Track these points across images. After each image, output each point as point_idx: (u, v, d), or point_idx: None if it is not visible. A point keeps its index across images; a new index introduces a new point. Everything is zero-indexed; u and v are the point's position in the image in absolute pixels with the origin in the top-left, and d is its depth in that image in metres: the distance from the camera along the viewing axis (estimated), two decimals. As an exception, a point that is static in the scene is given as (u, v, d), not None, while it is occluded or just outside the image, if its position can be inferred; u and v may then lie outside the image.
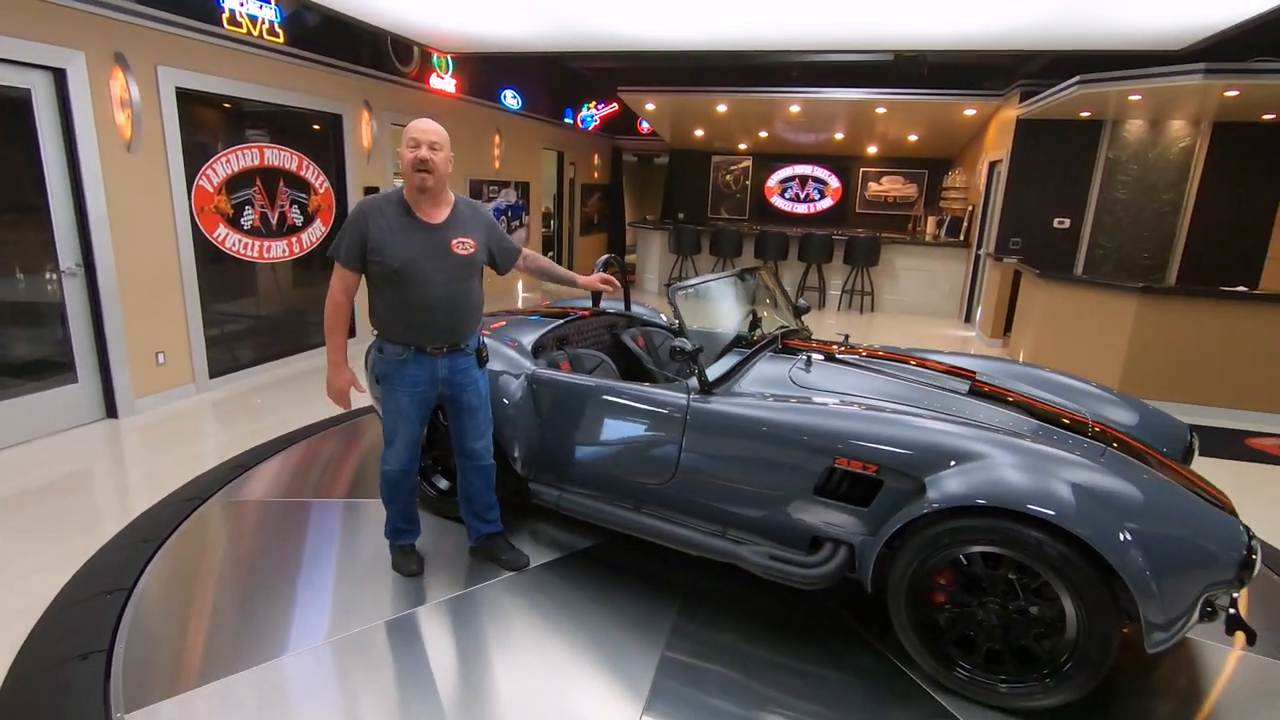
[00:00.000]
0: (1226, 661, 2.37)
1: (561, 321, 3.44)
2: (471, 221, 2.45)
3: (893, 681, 2.18)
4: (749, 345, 2.85)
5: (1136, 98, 6.10)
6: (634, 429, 2.65)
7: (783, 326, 3.17)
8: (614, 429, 2.71)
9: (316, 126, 5.91)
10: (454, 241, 2.37)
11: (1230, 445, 4.65)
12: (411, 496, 2.66)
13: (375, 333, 2.49)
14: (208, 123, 4.93)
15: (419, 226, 2.34)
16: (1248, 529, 1.96)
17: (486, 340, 2.76)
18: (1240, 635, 1.93)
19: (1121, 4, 4.30)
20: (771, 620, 2.48)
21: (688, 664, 2.23)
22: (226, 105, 5.05)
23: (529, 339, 3.13)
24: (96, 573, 2.63)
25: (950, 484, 2.00)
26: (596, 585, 2.67)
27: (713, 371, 2.54)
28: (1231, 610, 1.92)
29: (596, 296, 3.82)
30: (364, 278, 2.43)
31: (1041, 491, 1.91)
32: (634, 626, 2.42)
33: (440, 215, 2.38)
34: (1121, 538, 1.83)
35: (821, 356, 2.84)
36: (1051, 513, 1.85)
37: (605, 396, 2.72)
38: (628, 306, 3.89)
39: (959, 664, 2.09)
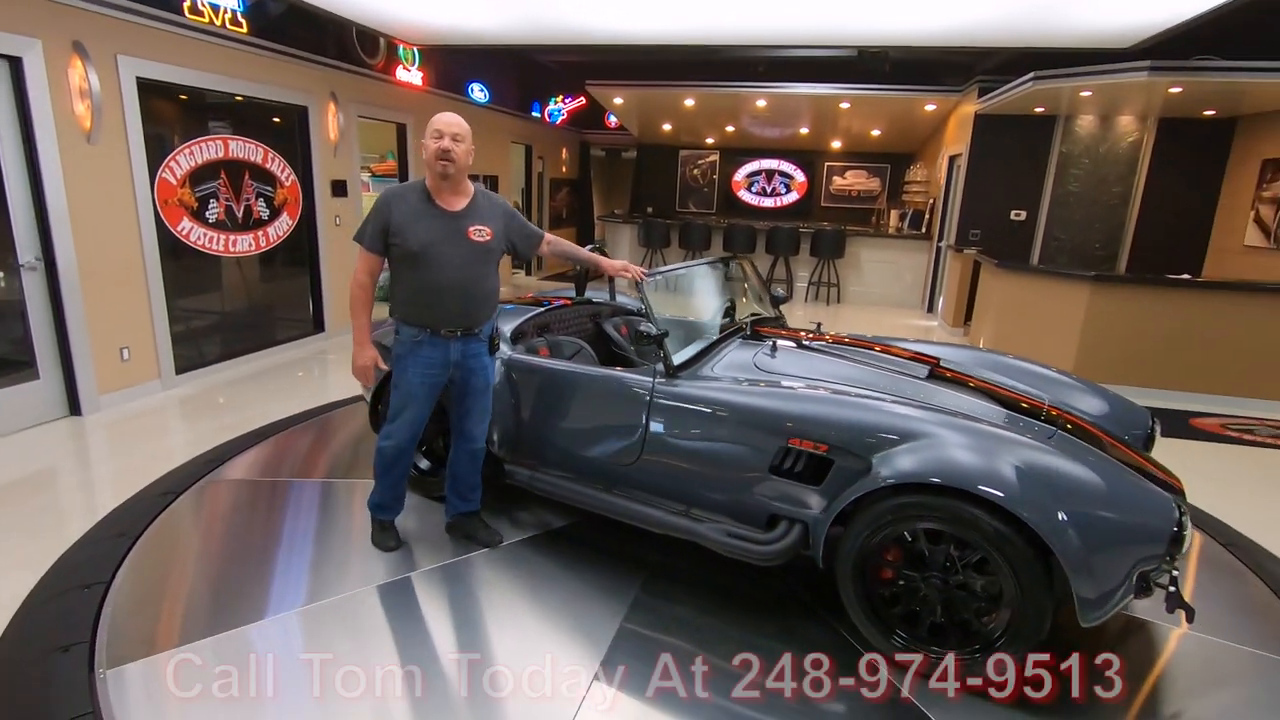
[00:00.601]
0: (1170, 639, 2.43)
1: (541, 309, 3.49)
2: (489, 211, 2.55)
3: (841, 656, 2.23)
4: (722, 332, 2.93)
5: (1087, 94, 6.35)
6: (602, 411, 2.73)
7: (755, 314, 3.26)
8: (584, 411, 2.79)
9: (281, 119, 5.82)
10: (471, 228, 2.47)
11: (1175, 425, 4.89)
12: (403, 475, 2.74)
13: (394, 316, 2.57)
14: (170, 114, 4.82)
15: (439, 213, 2.45)
16: (1179, 505, 2.01)
17: None
18: (1183, 614, 1.97)
19: (1073, 3, 4.48)
20: (729, 596, 2.57)
21: (643, 634, 2.33)
22: (189, 96, 4.95)
23: (509, 326, 3.18)
24: (71, 568, 2.59)
25: (899, 462, 2.07)
26: (566, 561, 2.78)
27: (680, 356, 2.62)
28: (1172, 589, 1.95)
29: (581, 286, 3.92)
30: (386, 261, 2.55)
31: (988, 471, 1.97)
32: (597, 600, 2.52)
33: (459, 203, 2.49)
34: (1060, 517, 1.88)
35: (790, 343, 2.92)
36: (1000, 494, 1.91)
37: (576, 380, 2.81)
38: (612, 296, 3.97)
39: (897, 633, 2.16)
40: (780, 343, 2.88)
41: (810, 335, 3.14)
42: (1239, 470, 4.16)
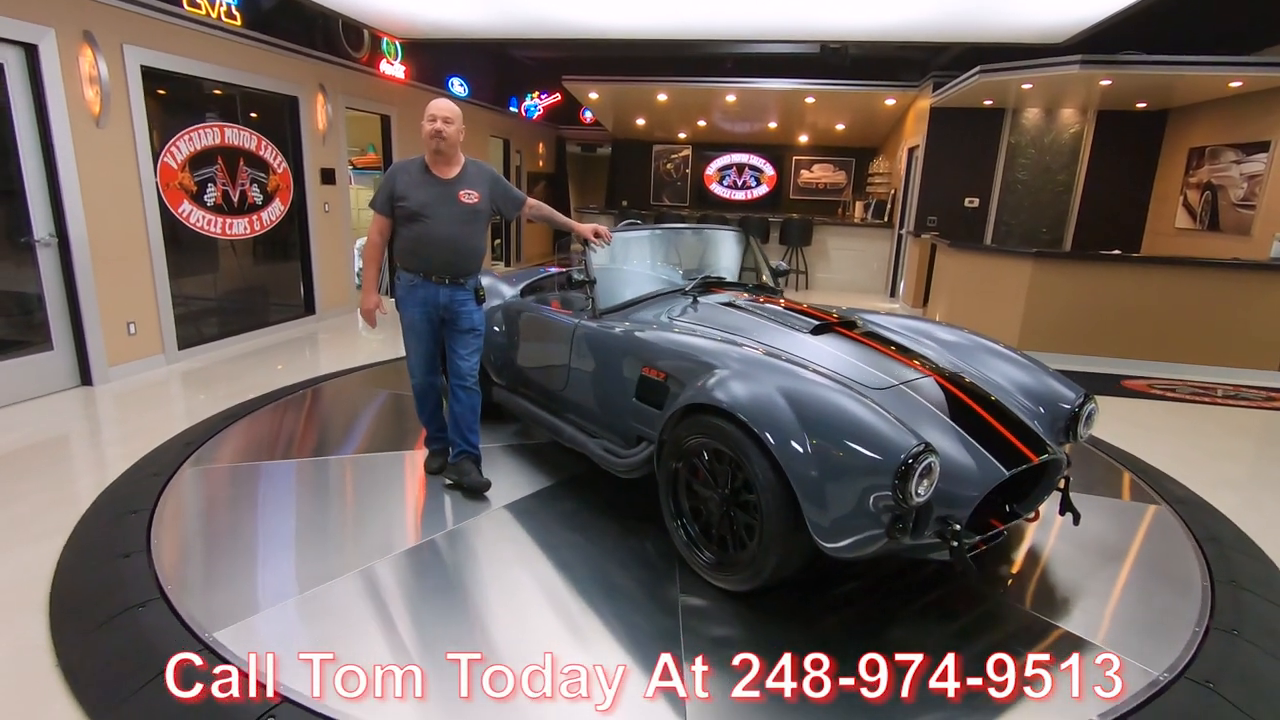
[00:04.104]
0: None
1: (563, 271, 4.04)
2: (477, 177, 3.00)
3: (667, 564, 2.53)
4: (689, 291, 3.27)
5: (1028, 86, 6.86)
6: (547, 344, 3.29)
7: (707, 275, 3.54)
8: (536, 344, 3.39)
9: (273, 108, 6.07)
10: (461, 192, 2.93)
11: (1109, 387, 5.39)
12: (436, 408, 3.22)
13: (397, 264, 3.01)
14: (171, 101, 5.07)
15: (434, 180, 2.91)
16: (928, 447, 1.95)
17: (487, 275, 3.70)
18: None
19: (1009, 1, 4.96)
20: (611, 502, 3.02)
21: (523, 509, 2.94)
22: (189, 85, 5.20)
23: (526, 280, 3.71)
24: (115, 500, 2.89)
25: (692, 389, 2.34)
26: (509, 467, 3.37)
27: (607, 302, 3.10)
28: (955, 544, 2.02)
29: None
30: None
31: (742, 395, 2.16)
32: (498, 491, 3.06)
33: (452, 172, 2.95)
34: (791, 437, 2.01)
35: (713, 300, 3.16)
36: (742, 411, 2.11)
37: (535, 317, 3.40)
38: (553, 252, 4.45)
39: (685, 523, 2.46)
40: (703, 299, 3.16)
41: (748, 297, 3.33)
42: (1162, 421, 4.65)
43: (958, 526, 2.03)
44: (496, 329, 3.63)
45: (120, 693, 1.79)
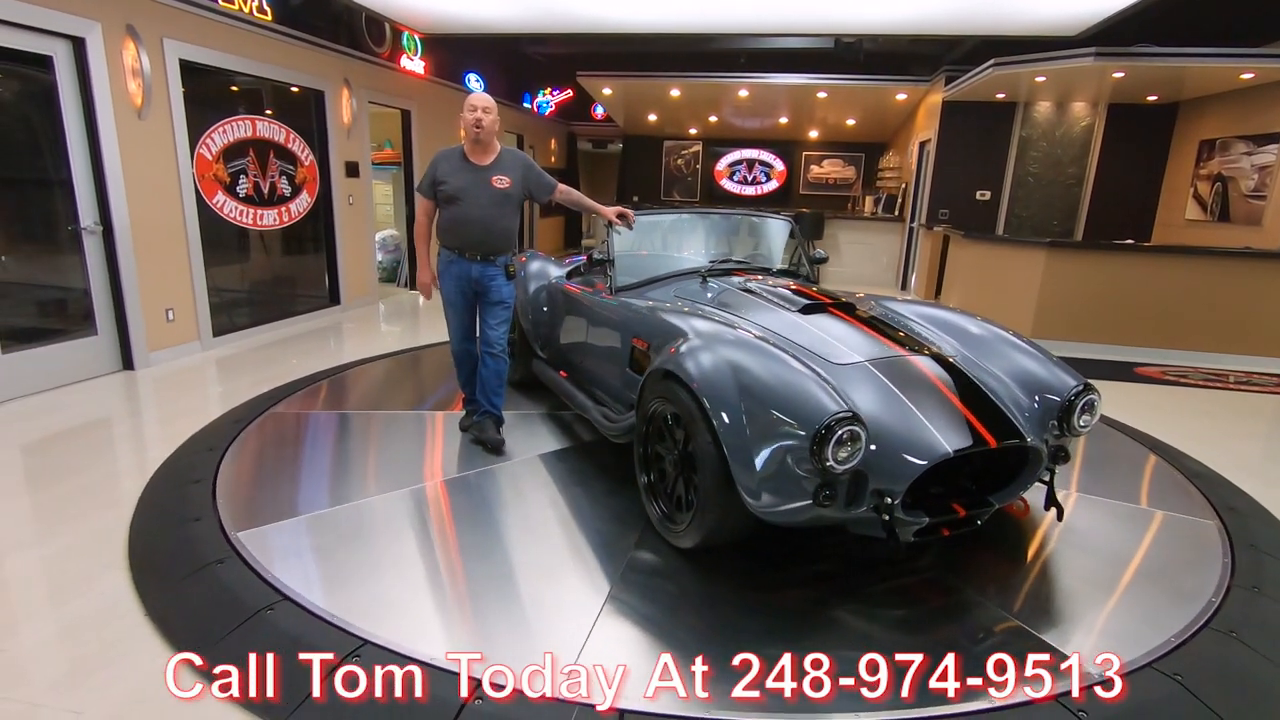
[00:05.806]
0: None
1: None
2: (511, 164, 3.25)
3: (635, 520, 2.70)
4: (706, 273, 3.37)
5: (1042, 79, 6.95)
6: (572, 319, 3.63)
7: (728, 258, 3.70)
8: (566, 319, 3.71)
9: (300, 102, 6.20)
10: (494, 178, 3.21)
11: (1122, 373, 5.49)
12: (473, 373, 3.47)
13: (439, 241, 3.29)
14: (206, 94, 5.19)
15: (471, 167, 3.21)
16: (854, 417, 1.98)
17: (539, 258, 4.16)
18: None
19: (1024, -6, 5.06)
20: (611, 466, 3.22)
21: (542, 463, 3.27)
22: (222, 78, 5.33)
23: (574, 263, 3.95)
24: (174, 472, 3.01)
25: (661, 357, 2.44)
26: (541, 429, 3.72)
27: (624, 280, 3.34)
28: (886, 517, 2.04)
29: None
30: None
31: (696, 364, 2.24)
32: (530, 445, 3.46)
33: (487, 159, 3.23)
34: (728, 401, 2.10)
35: (720, 283, 3.23)
36: (689, 376, 2.21)
37: (566, 295, 3.72)
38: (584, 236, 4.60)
39: (650, 477, 2.60)
40: (717, 281, 3.24)
41: (762, 279, 3.36)
42: (1176, 405, 4.75)
43: (890, 500, 2.03)
44: (544, 308, 3.94)
45: (212, 634, 1.92)
